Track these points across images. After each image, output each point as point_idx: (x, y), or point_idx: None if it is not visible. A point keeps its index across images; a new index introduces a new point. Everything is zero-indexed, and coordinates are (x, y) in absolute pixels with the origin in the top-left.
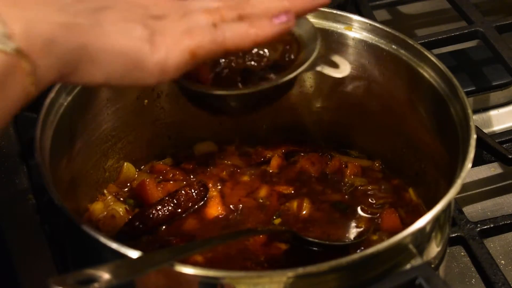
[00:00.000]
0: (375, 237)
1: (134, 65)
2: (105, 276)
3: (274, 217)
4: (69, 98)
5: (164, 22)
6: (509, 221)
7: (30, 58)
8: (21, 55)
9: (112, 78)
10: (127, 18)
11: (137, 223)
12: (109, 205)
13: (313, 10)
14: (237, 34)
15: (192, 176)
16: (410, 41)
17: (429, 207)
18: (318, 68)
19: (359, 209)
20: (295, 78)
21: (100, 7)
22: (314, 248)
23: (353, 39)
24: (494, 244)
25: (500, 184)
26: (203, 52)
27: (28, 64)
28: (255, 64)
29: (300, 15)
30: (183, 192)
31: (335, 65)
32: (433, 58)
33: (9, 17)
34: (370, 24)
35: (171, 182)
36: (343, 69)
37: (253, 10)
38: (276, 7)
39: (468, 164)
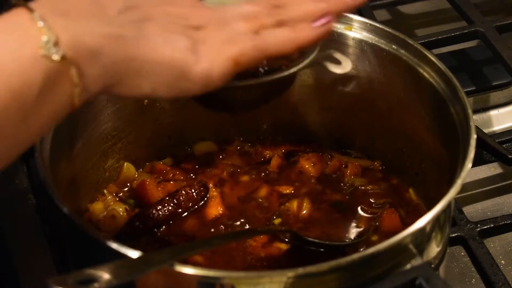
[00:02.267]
0: (375, 237)
1: (179, 76)
2: (105, 276)
3: (274, 217)
4: None
5: (205, 32)
6: (509, 221)
7: (77, 66)
8: (68, 63)
9: (158, 89)
10: (169, 29)
11: (137, 223)
12: (109, 205)
13: (350, 10)
14: (279, 39)
15: (192, 176)
16: (410, 41)
17: (429, 207)
18: (320, 64)
19: (359, 209)
20: (296, 73)
21: (142, 19)
22: (314, 248)
23: (353, 39)
24: (494, 244)
25: (500, 184)
26: (246, 59)
27: (75, 72)
28: None
29: (338, 16)
30: (183, 192)
31: (336, 61)
32: (433, 58)
33: (57, 26)
34: (370, 24)
35: (171, 182)
36: (344, 65)
37: (292, 14)
38: (314, 10)
39: (468, 164)
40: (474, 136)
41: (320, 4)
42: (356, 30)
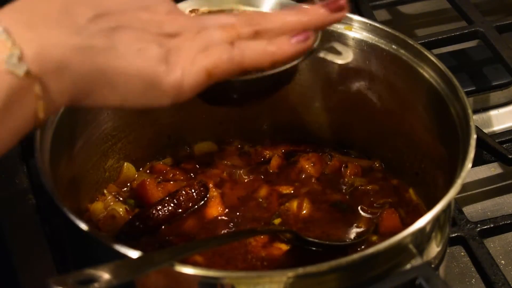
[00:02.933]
0: (375, 237)
1: (149, 87)
2: (105, 276)
3: (274, 217)
4: None
5: (179, 40)
6: (509, 221)
7: (41, 81)
8: (32, 78)
9: (127, 101)
10: (141, 38)
11: (137, 223)
12: (109, 205)
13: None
14: (256, 52)
15: (192, 176)
16: (410, 41)
17: (429, 207)
18: (321, 55)
19: (359, 209)
20: (297, 66)
21: (113, 27)
22: (314, 248)
23: (353, 39)
24: (494, 244)
25: (500, 184)
26: (219, 71)
27: (40, 87)
28: None
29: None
30: (183, 192)
31: (337, 52)
32: (433, 58)
33: (21, 39)
34: (370, 24)
35: (171, 182)
36: (345, 55)
37: (270, 25)
38: (293, 22)
39: (468, 164)
40: (474, 136)
41: (299, 16)
42: (356, 30)
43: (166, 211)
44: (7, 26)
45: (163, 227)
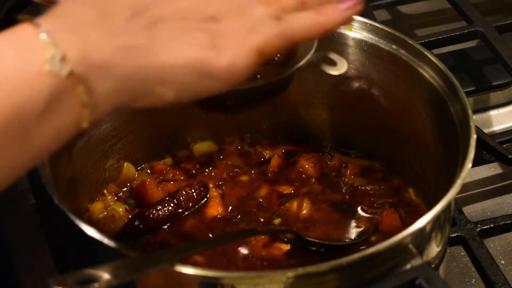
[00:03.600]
0: (375, 237)
1: (202, 75)
2: (105, 276)
3: (274, 217)
4: None
5: (223, 23)
6: (509, 221)
7: (85, 83)
8: (75, 80)
9: (182, 94)
10: (183, 27)
11: (137, 223)
12: (109, 205)
13: None
14: (305, 24)
15: (192, 176)
16: (410, 41)
17: (429, 207)
18: (315, 65)
19: (359, 209)
20: (292, 75)
21: (152, 22)
22: (314, 248)
23: (353, 39)
24: (494, 244)
25: (500, 184)
26: (270, 48)
27: (83, 89)
28: None
29: None
30: (183, 192)
31: (332, 63)
32: (433, 58)
33: (64, 42)
34: (370, 24)
35: (171, 182)
36: (340, 66)
37: None
38: None
39: (468, 164)
40: (474, 136)
41: None
42: (356, 30)
43: (166, 211)
44: (49, 29)
45: (163, 227)
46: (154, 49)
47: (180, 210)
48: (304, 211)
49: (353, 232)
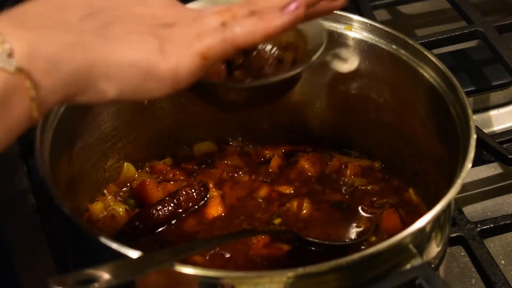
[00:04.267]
0: (375, 237)
1: (146, 76)
2: (105, 276)
3: (274, 217)
4: None
5: (174, 29)
6: (509, 221)
7: (33, 77)
8: (23, 74)
9: (124, 93)
10: (135, 30)
11: (137, 223)
12: (109, 205)
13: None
14: (247, 29)
15: (192, 176)
16: (410, 41)
17: (429, 207)
18: (326, 61)
19: (359, 209)
20: (300, 73)
21: (106, 23)
22: (314, 248)
23: (353, 39)
24: (494, 244)
25: (500, 184)
26: (214, 53)
27: (31, 84)
28: (262, 60)
29: (313, 10)
30: (183, 192)
31: (343, 59)
32: (433, 58)
33: (12, 37)
34: (370, 24)
35: (171, 182)
36: (351, 62)
37: (265, 4)
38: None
39: (468, 164)
40: (474, 136)
41: None
42: (356, 30)
43: (166, 211)
44: None
45: (163, 227)
46: (102, 46)
47: (180, 210)
48: (304, 211)
49: (353, 232)
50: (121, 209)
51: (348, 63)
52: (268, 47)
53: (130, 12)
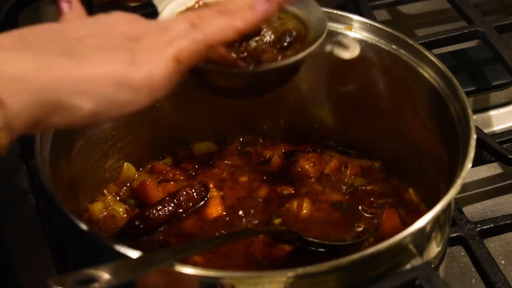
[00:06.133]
0: (374, 238)
1: (119, 87)
2: (105, 276)
3: (274, 217)
4: None
5: (143, 41)
6: (509, 221)
7: None
8: None
9: (100, 108)
10: (103, 47)
11: (137, 223)
12: (109, 205)
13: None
14: (217, 27)
15: (192, 176)
16: (410, 41)
17: (429, 207)
18: (327, 49)
19: (359, 209)
20: (302, 60)
21: (74, 45)
22: (314, 248)
23: (353, 39)
24: (494, 244)
25: (500, 184)
26: (187, 54)
27: None
28: (264, 46)
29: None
30: (183, 192)
31: (344, 46)
32: (433, 58)
33: None
34: (370, 24)
35: (171, 182)
36: (352, 49)
37: (232, 6)
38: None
39: (468, 164)
40: (474, 136)
41: None
42: (356, 30)
43: (166, 211)
44: None
45: (163, 227)
46: (70, 63)
47: (180, 210)
48: (304, 211)
49: (353, 232)
50: (121, 209)
51: (350, 50)
52: (269, 34)
53: (96, 33)
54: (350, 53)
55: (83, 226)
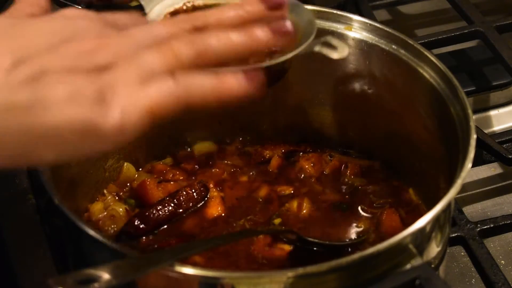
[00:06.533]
0: (374, 238)
1: (86, 135)
2: (105, 276)
3: (274, 217)
4: None
5: (113, 73)
6: (509, 221)
7: None
8: None
9: (63, 155)
10: (70, 79)
11: (137, 223)
12: (109, 205)
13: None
14: (203, 89)
15: (192, 176)
16: (410, 41)
17: (429, 207)
18: (316, 49)
19: (359, 209)
20: (289, 61)
21: (36, 74)
22: (314, 248)
23: (353, 39)
24: (494, 244)
25: (500, 184)
26: (163, 110)
27: None
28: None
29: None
30: (183, 192)
31: (333, 47)
32: (433, 58)
33: None
34: (370, 24)
35: (171, 182)
36: (341, 50)
37: (212, 44)
38: (237, 43)
39: (468, 164)
40: (474, 136)
41: (244, 38)
42: (356, 30)
43: (166, 211)
44: None
45: (163, 227)
46: (36, 107)
47: (180, 210)
48: (304, 211)
49: (353, 232)
50: (121, 209)
51: (338, 51)
52: None
53: (58, 58)
54: (338, 53)
55: (83, 226)
